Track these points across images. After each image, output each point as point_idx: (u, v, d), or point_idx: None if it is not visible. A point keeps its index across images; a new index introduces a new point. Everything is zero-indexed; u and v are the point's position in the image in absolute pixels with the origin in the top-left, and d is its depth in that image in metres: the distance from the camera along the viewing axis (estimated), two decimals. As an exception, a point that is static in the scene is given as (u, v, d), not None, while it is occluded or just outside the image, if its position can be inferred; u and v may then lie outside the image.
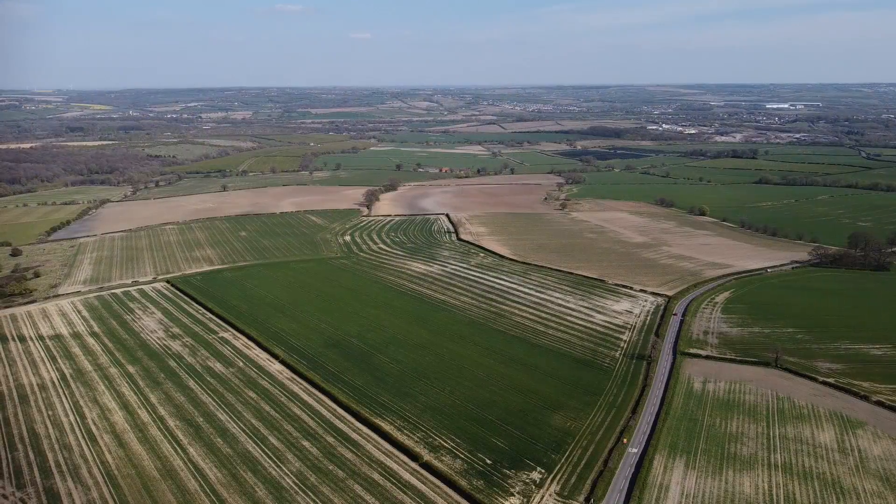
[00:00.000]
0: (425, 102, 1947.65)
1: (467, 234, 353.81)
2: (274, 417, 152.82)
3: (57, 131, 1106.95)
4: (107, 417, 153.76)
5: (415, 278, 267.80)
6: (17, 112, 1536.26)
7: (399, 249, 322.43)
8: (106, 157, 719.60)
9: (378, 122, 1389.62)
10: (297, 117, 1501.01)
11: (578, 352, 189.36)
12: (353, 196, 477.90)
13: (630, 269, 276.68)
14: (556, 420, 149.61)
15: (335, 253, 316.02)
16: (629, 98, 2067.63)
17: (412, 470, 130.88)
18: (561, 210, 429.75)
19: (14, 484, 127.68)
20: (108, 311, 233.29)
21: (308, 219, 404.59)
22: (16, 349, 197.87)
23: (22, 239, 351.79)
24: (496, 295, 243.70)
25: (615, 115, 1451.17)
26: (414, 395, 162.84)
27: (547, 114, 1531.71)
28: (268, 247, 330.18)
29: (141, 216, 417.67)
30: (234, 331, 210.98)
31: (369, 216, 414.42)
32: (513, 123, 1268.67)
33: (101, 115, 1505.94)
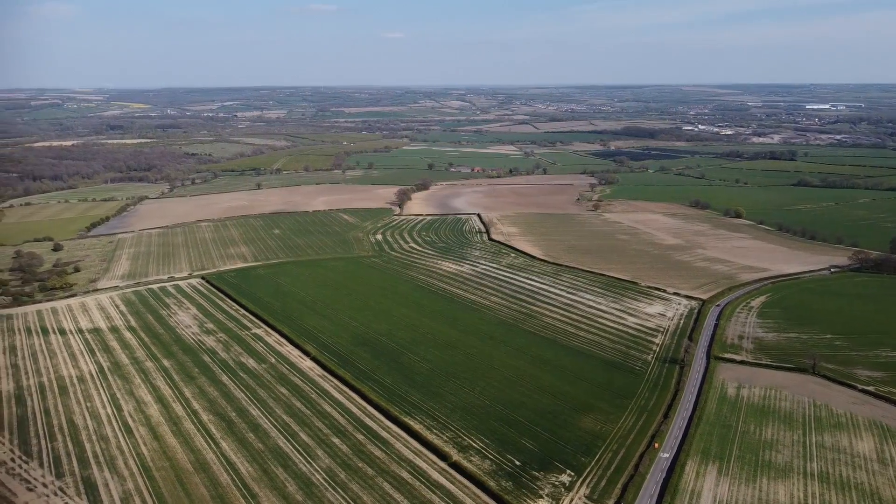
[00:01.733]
0: (458, 102, 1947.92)
1: (498, 234, 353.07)
2: (305, 414, 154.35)
3: (97, 129, 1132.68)
4: (142, 410, 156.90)
5: (445, 278, 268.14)
6: (60, 110, 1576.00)
7: (430, 249, 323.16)
8: (144, 155, 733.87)
9: (410, 121, 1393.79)
10: (331, 116, 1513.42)
11: (609, 354, 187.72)
12: (384, 195, 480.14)
13: (663, 272, 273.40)
14: (586, 422, 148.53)
15: (367, 252, 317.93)
16: (664, 98, 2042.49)
17: (441, 469, 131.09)
18: (593, 211, 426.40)
19: (54, 473, 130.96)
20: (144, 305, 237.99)
21: (340, 217, 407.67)
22: (56, 342, 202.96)
23: (63, 234, 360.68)
24: (526, 295, 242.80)
25: (649, 115, 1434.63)
26: (443, 394, 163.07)
27: (580, 114, 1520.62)
28: (300, 245, 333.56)
29: (177, 213, 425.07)
30: (266, 327, 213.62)
31: (401, 215, 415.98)
32: (545, 123, 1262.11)
33: (139, 114, 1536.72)
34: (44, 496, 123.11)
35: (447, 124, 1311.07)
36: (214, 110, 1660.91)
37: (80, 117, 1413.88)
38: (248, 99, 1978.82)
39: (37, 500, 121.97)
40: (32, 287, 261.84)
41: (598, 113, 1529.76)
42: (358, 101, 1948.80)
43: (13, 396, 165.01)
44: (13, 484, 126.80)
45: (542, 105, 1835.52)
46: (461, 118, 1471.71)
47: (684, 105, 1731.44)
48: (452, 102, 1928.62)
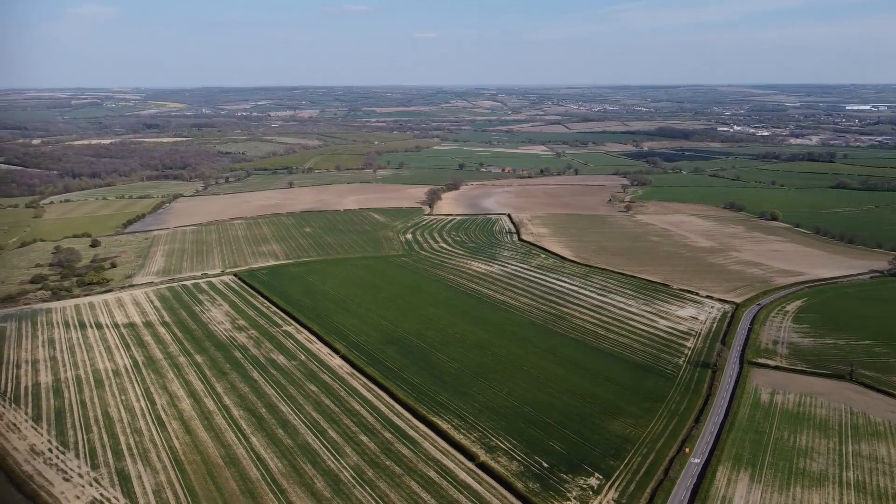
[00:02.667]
0: (489, 102, 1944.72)
1: (529, 234, 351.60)
2: (333, 411, 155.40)
3: (135, 128, 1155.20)
4: (175, 404, 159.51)
5: (475, 278, 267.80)
6: (99, 109, 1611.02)
7: (460, 249, 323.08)
8: (179, 154, 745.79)
9: (441, 121, 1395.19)
10: (362, 116, 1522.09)
11: (640, 357, 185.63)
12: (415, 194, 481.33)
13: (696, 274, 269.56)
14: (615, 426, 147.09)
15: (396, 251, 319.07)
16: (698, 98, 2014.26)
17: (468, 469, 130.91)
18: (625, 212, 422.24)
19: (89, 464, 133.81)
20: (178, 301, 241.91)
21: (371, 216, 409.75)
22: (93, 336, 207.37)
23: (100, 231, 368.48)
24: (556, 297, 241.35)
25: (683, 115, 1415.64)
26: (471, 394, 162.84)
27: (613, 114, 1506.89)
28: (331, 243, 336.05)
29: (211, 211, 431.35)
30: (297, 324, 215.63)
31: (431, 215, 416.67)
32: (577, 124, 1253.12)
33: (175, 113, 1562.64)
34: (79, 486, 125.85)
35: (478, 124, 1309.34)
36: (248, 109, 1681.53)
37: (118, 116, 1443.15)
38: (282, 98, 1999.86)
39: (73, 490, 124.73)
40: (71, 282, 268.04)
41: (631, 113, 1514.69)
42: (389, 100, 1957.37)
43: (51, 388, 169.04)
44: (50, 474, 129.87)
45: (574, 105, 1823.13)
46: (492, 118, 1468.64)
47: (719, 105, 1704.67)
48: (484, 102, 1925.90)
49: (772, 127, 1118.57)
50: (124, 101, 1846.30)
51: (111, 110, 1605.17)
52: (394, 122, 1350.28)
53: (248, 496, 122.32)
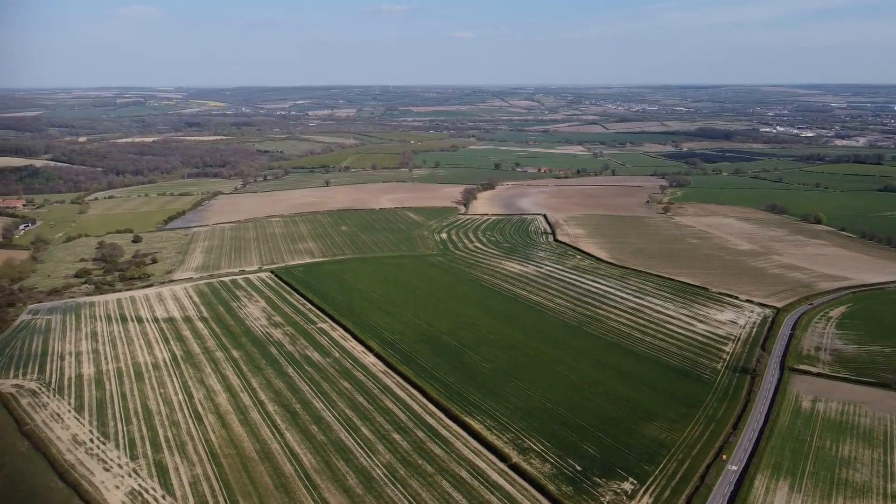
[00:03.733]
0: (526, 101, 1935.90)
1: (564, 235, 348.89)
2: (367, 409, 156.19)
3: (176, 126, 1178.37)
4: (212, 398, 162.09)
5: (509, 278, 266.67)
6: (142, 108, 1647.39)
7: (495, 249, 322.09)
8: (219, 152, 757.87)
9: (478, 120, 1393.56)
10: (399, 115, 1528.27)
11: (677, 361, 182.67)
12: (450, 194, 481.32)
13: (735, 278, 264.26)
14: (650, 430, 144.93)
15: (431, 250, 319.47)
16: (740, 99, 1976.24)
17: (500, 470, 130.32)
18: (663, 214, 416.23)
19: (128, 455, 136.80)
20: (216, 297, 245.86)
21: (406, 215, 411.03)
22: (134, 329, 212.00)
23: (142, 227, 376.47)
24: (592, 298, 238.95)
25: (725, 116, 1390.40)
26: (504, 395, 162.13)
27: (651, 114, 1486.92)
28: (366, 242, 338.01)
29: (249, 208, 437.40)
30: (331, 322, 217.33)
31: (466, 214, 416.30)
32: (615, 124, 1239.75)
33: (216, 112, 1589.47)
34: (119, 476, 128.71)
35: (515, 124, 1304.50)
36: (287, 109, 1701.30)
37: (160, 115, 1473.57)
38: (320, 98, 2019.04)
39: (112, 480, 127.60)
40: (113, 276, 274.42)
41: (671, 113, 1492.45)
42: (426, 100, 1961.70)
43: (93, 380, 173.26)
44: (91, 463, 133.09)
45: (612, 105, 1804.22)
46: (529, 118, 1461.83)
47: (762, 106, 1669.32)
48: (520, 102, 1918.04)
49: (816, 128, 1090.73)
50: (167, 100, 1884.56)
51: (154, 109, 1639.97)
52: (430, 121, 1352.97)
53: (282, 491, 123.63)
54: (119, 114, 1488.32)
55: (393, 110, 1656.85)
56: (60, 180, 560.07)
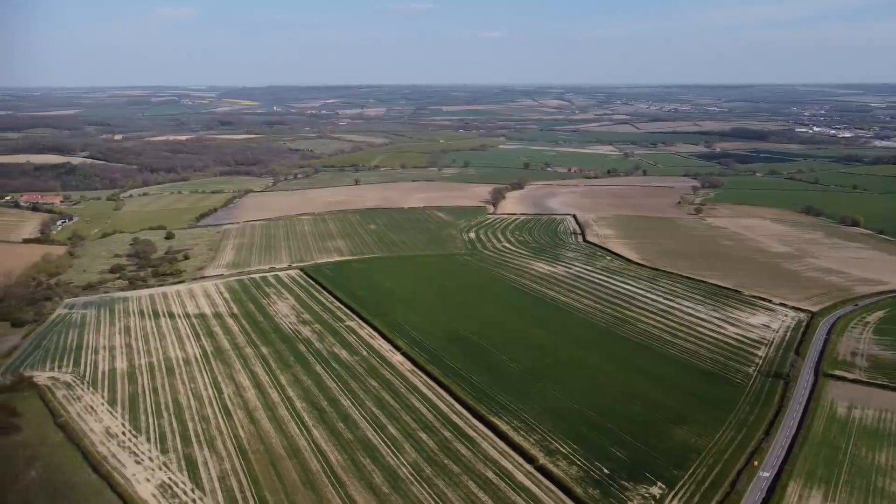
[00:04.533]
0: (556, 101, 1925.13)
1: (594, 235, 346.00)
2: (393, 407, 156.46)
3: (209, 125, 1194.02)
4: (241, 394, 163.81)
5: (538, 278, 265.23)
6: (176, 107, 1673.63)
7: (523, 248, 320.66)
8: (251, 150, 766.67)
9: (508, 120, 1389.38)
10: (428, 115, 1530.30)
11: (708, 364, 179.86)
12: (479, 193, 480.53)
13: (769, 281, 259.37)
14: (679, 434, 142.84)
15: (460, 249, 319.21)
16: (776, 98, 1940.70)
17: (527, 472, 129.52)
18: (695, 215, 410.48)
19: (159, 448, 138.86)
20: (246, 294, 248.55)
21: (435, 214, 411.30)
22: (166, 325, 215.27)
23: (175, 223, 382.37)
24: (621, 300, 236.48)
25: (759, 116, 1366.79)
26: (532, 396, 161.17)
27: (684, 114, 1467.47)
28: (395, 240, 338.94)
29: (280, 206, 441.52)
30: (359, 320, 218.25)
31: (495, 214, 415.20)
32: (647, 123, 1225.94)
33: (247, 111, 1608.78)
34: (149, 469, 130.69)
35: (544, 123, 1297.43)
36: (317, 108, 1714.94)
37: (193, 113, 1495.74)
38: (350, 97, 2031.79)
39: (143, 472, 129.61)
40: (146, 272, 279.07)
41: (704, 113, 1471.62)
42: (456, 99, 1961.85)
43: (126, 374, 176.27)
44: (123, 456, 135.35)
45: (643, 105, 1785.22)
46: (559, 117, 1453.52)
47: (798, 106, 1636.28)
48: (551, 101, 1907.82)
49: (855, 128, 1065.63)
50: (200, 99, 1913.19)
51: (188, 108, 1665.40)
52: (459, 120, 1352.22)
53: (309, 487, 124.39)
54: (154, 112, 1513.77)
55: (422, 109, 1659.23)
56: (97, 177, 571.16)
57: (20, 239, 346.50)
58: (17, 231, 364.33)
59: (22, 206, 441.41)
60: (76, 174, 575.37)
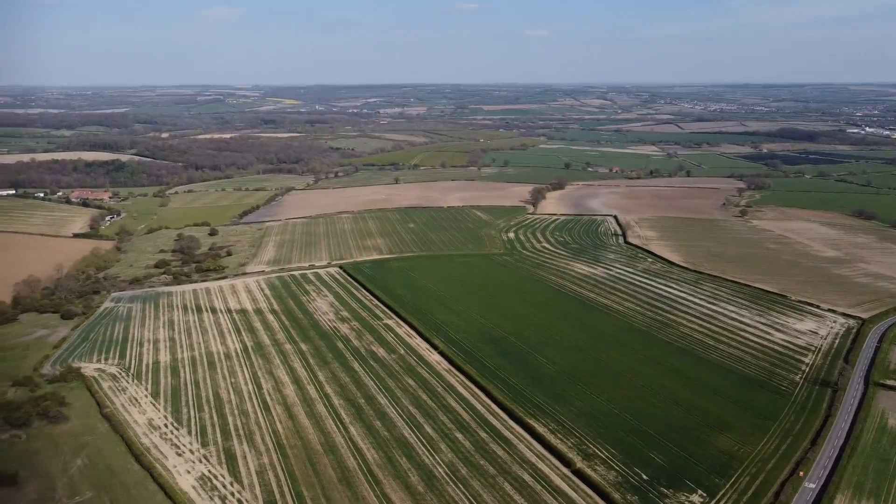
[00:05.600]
0: (598, 100, 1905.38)
1: (635, 237, 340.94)
2: (430, 406, 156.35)
3: (253, 123, 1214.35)
4: (280, 390, 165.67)
5: (577, 280, 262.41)
6: (221, 105, 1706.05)
7: (563, 249, 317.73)
8: (293, 148, 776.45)
9: (549, 119, 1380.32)
10: (469, 114, 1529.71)
11: (752, 371, 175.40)
12: (519, 193, 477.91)
13: (817, 286, 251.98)
14: (721, 441, 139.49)
15: (498, 249, 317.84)
16: (826, 98, 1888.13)
17: (563, 475, 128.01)
18: (740, 217, 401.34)
19: (199, 441, 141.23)
20: (286, 290, 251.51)
21: (473, 214, 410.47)
22: (208, 320, 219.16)
23: (218, 220, 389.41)
24: (663, 303, 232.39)
25: (809, 116, 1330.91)
26: (569, 398, 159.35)
27: (730, 114, 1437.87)
28: (433, 239, 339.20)
29: (320, 204, 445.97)
30: (397, 318, 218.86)
31: (534, 214, 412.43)
32: (691, 123, 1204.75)
33: (290, 110, 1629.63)
34: (190, 462, 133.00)
35: (586, 123, 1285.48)
36: (359, 107, 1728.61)
37: (238, 112, 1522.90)
38: (391, 96, 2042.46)
39: (184, 465, 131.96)
40: (190, 268, 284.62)
41: (751, 113, 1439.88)
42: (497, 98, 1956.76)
43: (169, 367, 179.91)
44: (165, 448, 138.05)
45: (688, 104, 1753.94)
46: (601, 117, 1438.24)
47: (850, 106, 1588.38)
48: (593, 101, 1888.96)
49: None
50: (244, 98, 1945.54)
51: (232, 106, 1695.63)
52: (500, 119, 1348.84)
53: (345, 484, 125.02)
54: (200, 111, 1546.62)
55: (463, 109, 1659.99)
56: (144, 174, 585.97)
57: (71, 234, 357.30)
58: (68, 226, 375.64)
59: (73, 202, 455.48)
60: (124, 171, 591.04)
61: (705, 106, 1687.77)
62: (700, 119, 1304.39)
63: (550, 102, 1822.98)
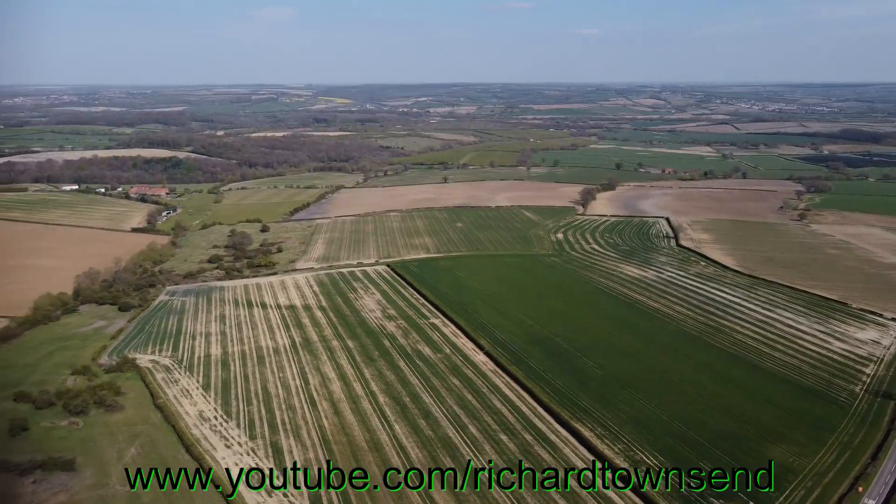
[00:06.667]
0: (651, 100, 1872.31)
1: (688, 240, 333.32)
2: (475, 407, 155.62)
3: (305, 122, 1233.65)
4: (326, 385, 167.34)
5: (626, 282, 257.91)
6: (275, 104, 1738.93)
7: (612, 251, 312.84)
8: (344, 147, 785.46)
9: (600, 119, 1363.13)
10: (519, 113, 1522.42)
11: (808, 381, 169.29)
12: (568, 194, 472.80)
13: (879, 294, 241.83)
14: (775, 452, 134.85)
15: (546, 250, 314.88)
16: (893, 98, 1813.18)
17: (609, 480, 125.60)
18: (798, 221, 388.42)
19: (247, 434, 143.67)
20: (335, 287, 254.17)
21: (522, 214, 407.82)
22: (258, 315, 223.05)
23: (270, 217, 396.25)
24: (715, 308, 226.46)
25: (874, 116, 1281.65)
26: (616, 403, 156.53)
27: (789, 114, 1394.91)
28: (481, 239, 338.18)
29: (369, 202, 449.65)
30: (443, 318, 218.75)
31: (584, 215, 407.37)
32: (748, 124, 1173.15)
33: (342, 109, 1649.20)
34: (238, 454, 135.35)
35: (638, 123, 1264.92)
36: (409, 106, 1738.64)
37: (290, 111, 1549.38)
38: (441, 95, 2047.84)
39: (232, 457, 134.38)
40: (242, 263, 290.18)
41: (811, 113, 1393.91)
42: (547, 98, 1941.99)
43: (219, 361, 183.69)
44: (214, 440, 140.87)
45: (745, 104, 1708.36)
46: (654, 117, 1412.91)
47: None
48: (646, 101, 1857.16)
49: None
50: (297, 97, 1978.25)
51: (285, 105, 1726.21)
52: (550, 119, 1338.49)
53: (389, 483, 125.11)
54: (254, 109, 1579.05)
55: (513, 108, 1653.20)
56: (199, 171, 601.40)
57: (129, 228, 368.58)
58: (127, 221, 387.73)
59: (132, 198, 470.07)
60: (181, 168, 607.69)
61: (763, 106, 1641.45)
62: (757, 119, 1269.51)
63: (602, 102, 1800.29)
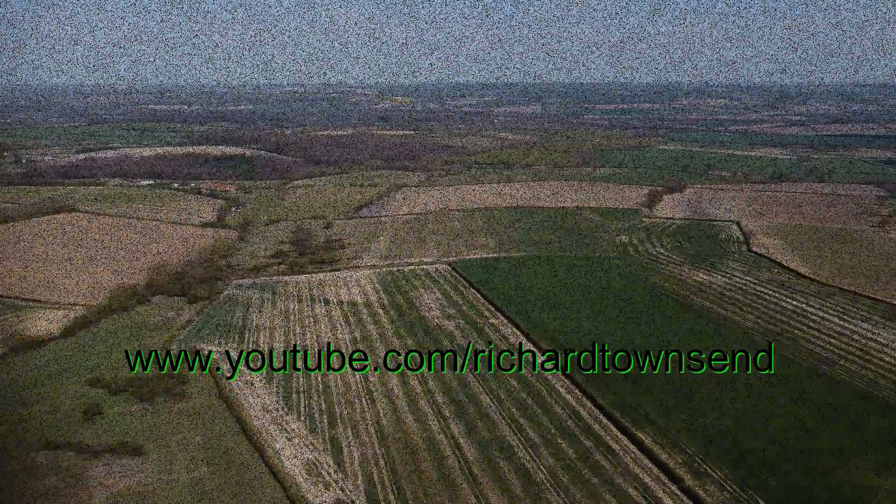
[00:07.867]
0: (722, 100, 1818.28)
1: (759, 245, 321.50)
2: (533, 410, 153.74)
3: (368, 120, 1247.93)
4: (384, 383, 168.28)
5: (694, 288, 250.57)
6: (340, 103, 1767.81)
7: (678, 255, 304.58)
8: (406, 146, 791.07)
9: (667, 119, 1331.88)
10: (583, 113, 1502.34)
11: (887, 396, 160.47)
12: (633, 195, 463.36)
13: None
14: (851, 471, 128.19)
15: (610, 252, 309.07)
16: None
17: (671, 493, 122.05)
18: (879, 228, 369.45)
19: (307, 427, 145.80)
20: (395, 285, 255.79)
21: (585, 215, 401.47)
22: (320, 310, 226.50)
23: (333, 214, 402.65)
24: (787, 317, 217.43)
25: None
26: (681, 412, 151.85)
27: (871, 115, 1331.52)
28: (542, 240, 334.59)
29: (430, 201, 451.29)
30: (502, 318, 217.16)
31: (649, 217, 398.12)
32: (825, 125, 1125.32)
33: (405, 108, 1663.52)
34: (297, 447, 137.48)
35: (707, 123, 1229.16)
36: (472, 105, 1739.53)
37: (355, 109, 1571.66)
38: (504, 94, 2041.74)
39: (291, 449, 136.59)
40: (305, 259, 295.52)
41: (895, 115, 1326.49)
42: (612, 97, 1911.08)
43: (283, 355, 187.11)
44: (275, 431, 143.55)
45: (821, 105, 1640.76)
46: (724, 117, 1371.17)
47: None
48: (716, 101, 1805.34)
49: None
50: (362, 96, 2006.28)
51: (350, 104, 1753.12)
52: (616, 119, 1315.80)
53: (445, 481, 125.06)
54: (320, 108, 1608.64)
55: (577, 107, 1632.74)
56: (267, 168, 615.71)
57: (199, 223, 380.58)
58: (198, 215, 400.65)
59: (202, 193, 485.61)
60: (249, 165, 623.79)
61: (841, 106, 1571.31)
62: (835, 120, 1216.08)
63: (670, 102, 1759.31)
